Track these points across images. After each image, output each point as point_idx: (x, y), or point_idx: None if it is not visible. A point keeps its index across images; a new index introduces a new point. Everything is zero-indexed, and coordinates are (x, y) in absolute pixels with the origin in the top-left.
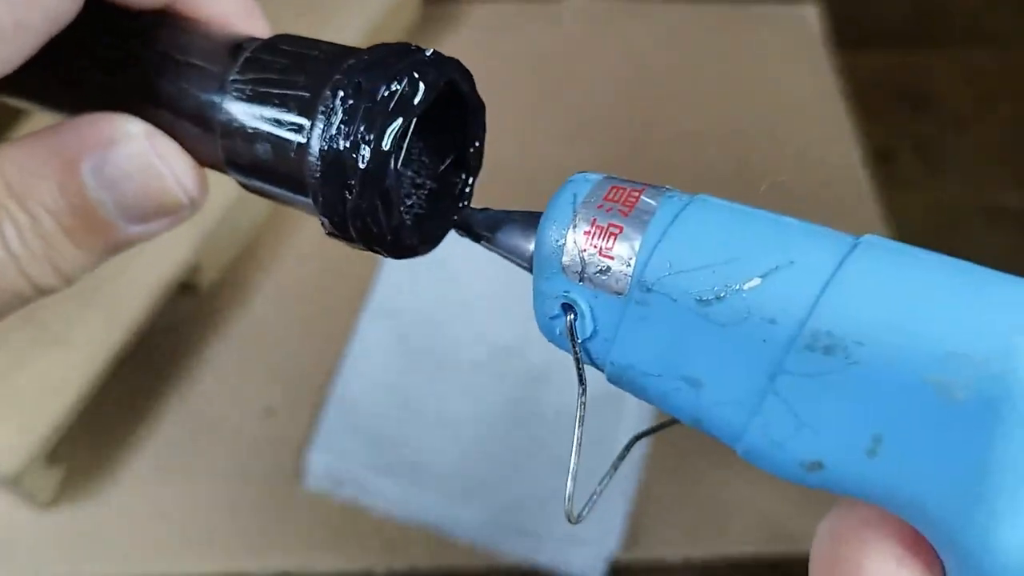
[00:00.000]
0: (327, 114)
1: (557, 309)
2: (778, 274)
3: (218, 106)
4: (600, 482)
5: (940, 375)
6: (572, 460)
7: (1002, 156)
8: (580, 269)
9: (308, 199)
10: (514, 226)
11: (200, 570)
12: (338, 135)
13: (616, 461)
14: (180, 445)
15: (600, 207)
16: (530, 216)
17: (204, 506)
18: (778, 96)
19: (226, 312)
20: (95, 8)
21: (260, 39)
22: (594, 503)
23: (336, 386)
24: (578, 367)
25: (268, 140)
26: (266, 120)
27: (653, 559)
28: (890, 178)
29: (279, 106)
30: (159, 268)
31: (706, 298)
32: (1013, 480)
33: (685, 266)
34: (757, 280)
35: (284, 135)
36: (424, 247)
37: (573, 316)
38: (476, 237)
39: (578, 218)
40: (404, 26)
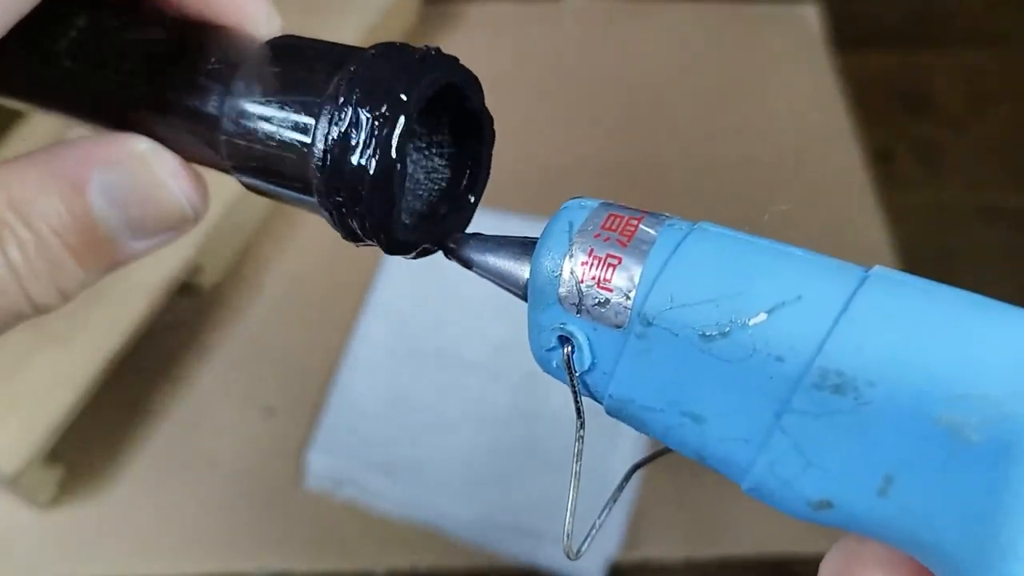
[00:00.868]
0: (331, 113)
1: (554, 341)
2: (785, 310)
3: (221, 107)
4: (599, 515)
5: (953, 416)
6: (570, 495)
7: (1001, 156)
8: (577, 301)
9: (312, 199)
10: (508, 253)
11: (200, 570)
12: (342, 134)
13: (615, 492)
14: (180, 445)
15: (597, 236)
16: (524, 243)
17: (204, 506)
18: (778, 96)
19: (227, 312)
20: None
21: (262, 39)
22: (593, 537)
23: (336, 386)
24: (576, 401)
25: (272, 141)
26: (270, 121)
27: (653, 559)
28: (889, 178)
29: (283, 107)
30: (160, 268)
31: (710, 333)
32: None
33: (687, 300)
34: (763, 315)
35: (288, 136)
36: (428, 246)
37: (570, 348)
38: (467, 264)
39: (575, 248)
40: (404, 26)
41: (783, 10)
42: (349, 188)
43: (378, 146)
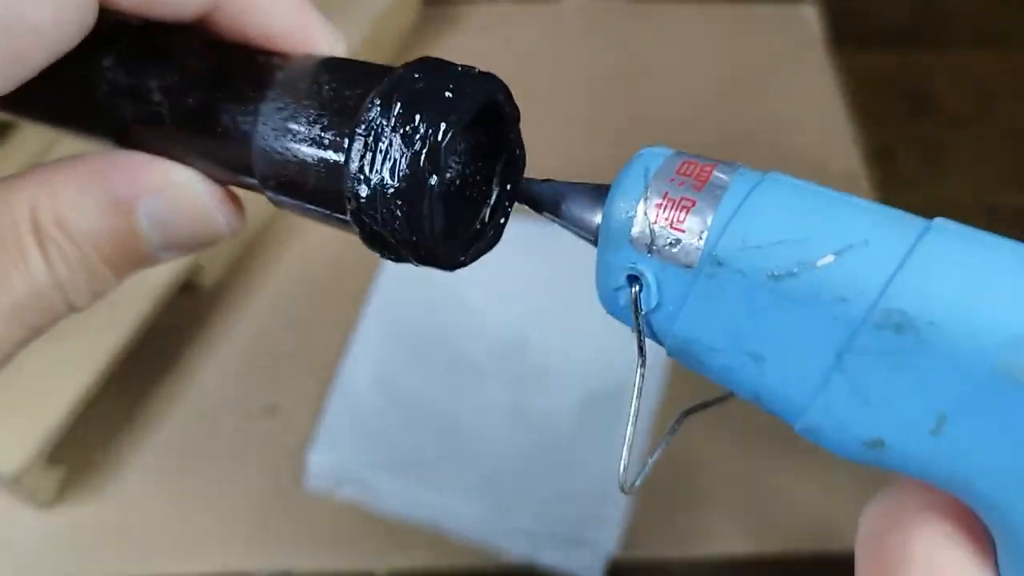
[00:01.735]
0: (368, 133)
1: (622, 281)
2: (852, 252)
3: (255, 125)
4: (651, 454)
5: (1011, 359)
6: (628, 430)
7: (1002, 156)
8: (650, 241)
9: (346, 217)
10: (579, 197)
11: (200, 570)
12: (379, 153)
13: (667, 435)
14: (180, 445)
15: (672, 180)
16: (596, 188)
17: (204, 506)
18: (778, 96)
19: (228, 312)
20: (116, 25)
21: (294, 57)
22: (645, 476)
23: (337, 385)
24: (639, 339)
25: (307, 160)
26: (304, 140)
27: (652, 559)
28: (890, 178)
29: (318, 125)
30: (161, 268)
31: (778, 273)
32: None
33: (759, 241)
34: (831, 257)
35: (323, 155)
36: (466, 258)
37: (639, 287)
38: (539, 208)
39: (650, 191)
40: (404, 26)
41: (783, 10)
42: (386, 207)
43: (417, 165)
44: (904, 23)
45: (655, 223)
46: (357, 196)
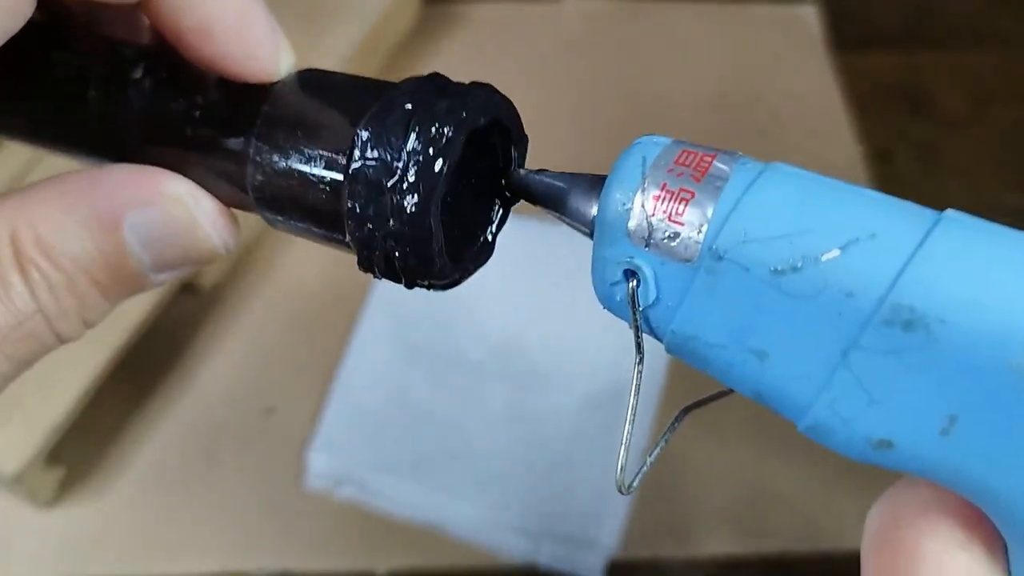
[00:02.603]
0: (372, 131)
1: (619, 275)
2: (858, 246)
3: (248, 145)
4: (650, 453)
5: (1022, 358)
6: (626, 430)
7: (1000, 157)
8: (647, 234)
9: (343, 237)
10: (575, 188)
11: (200, 570)
12: (383, 151)
13: (666, 433)
14: (180, 445)
15: (670, 171)
16: (592, 179)
17: (204, 506)
18: (777, 97)
19: (227, 312)
20: (94, 37)
21: (287, 77)
22: (643, 475)
23: (337, 385)
24: (637, 335)
25: (303, 180)
26: (300, 159)
27: (652, 558)
28: (889, 178)
29: (314, 145)
30: None
31: (781, 268)
32: None
33: (760, 235)
34: (836, 251)
35: (320, 174)
36: (453, 278)
37: (636, 282)
38: (533, 200)
39: (647, 181)
40: (404, 26)
41: (783, 10)
42: (385, 228)
43: (417, 184)
44: (904, 23)
45: (653, 216)
46: (356, 218)
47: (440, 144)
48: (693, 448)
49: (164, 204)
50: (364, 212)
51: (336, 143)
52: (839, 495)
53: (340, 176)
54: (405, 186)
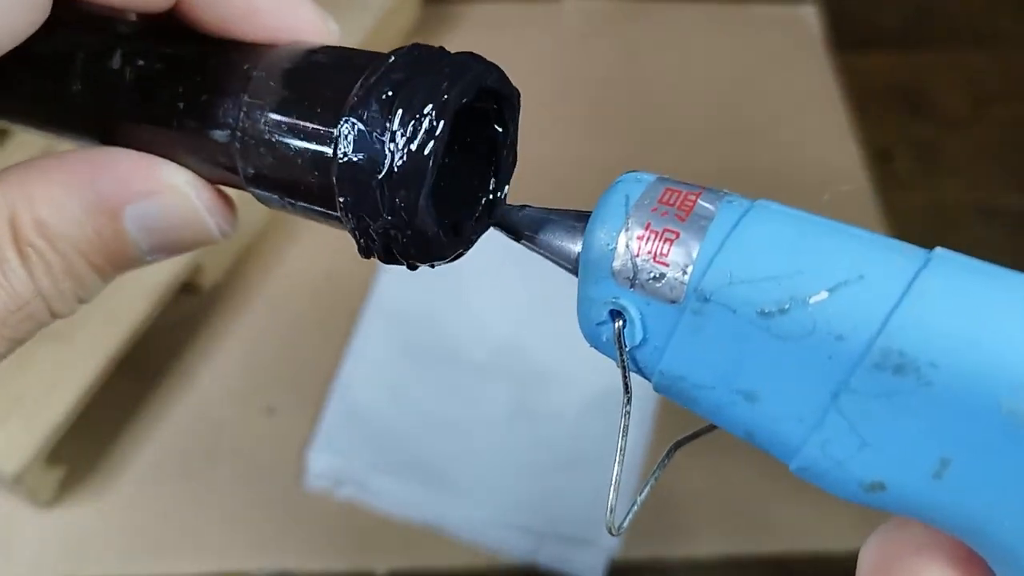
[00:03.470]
0: (354, 125)
1: (604, 315)
2: (847, 288)
3: (237, 118)
4: (640, 491)
5: (1017, 403)
6: (615, 471)
7: (1000, 156)
8: (632, 275)
9: (335, 214)
10: (558, 226)
11: (200, 570)
12: (368, 146)
13: (655, 470)
14: (180, 445)
15: (655, 210)
16: (576, 216)
17: (204, 506)
18: (778, 96)
19: (227, 312)
20: (87, 16)
21: (278, 47)
22: (634, 514)
23: (336, 385)
24: (624, 376)
25: (292, 153)
26: (289, 132)
27: (653, 559)
28: (889, 178)
29: (303, 116)
30: (161, 268)
31: (768, 310)
32: None
33: (747, 276)
34: (824, 294)
35: (309, 147)
36: (454, 253)
37: (622, 323)
38: (516, 236)
39: (631, 221)
40: (404, 26)
41: (783, 10)
42: (378, 220)
43: (408, 157)
44: (904, 23)
45: (637, 256)
46: (346, 189)
47: (425, 132)
48: (694, 448)
49: (166, 194)
50: (356, 206)
51: (327, 114)
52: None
53: (329, 149)
54: (393, 180)
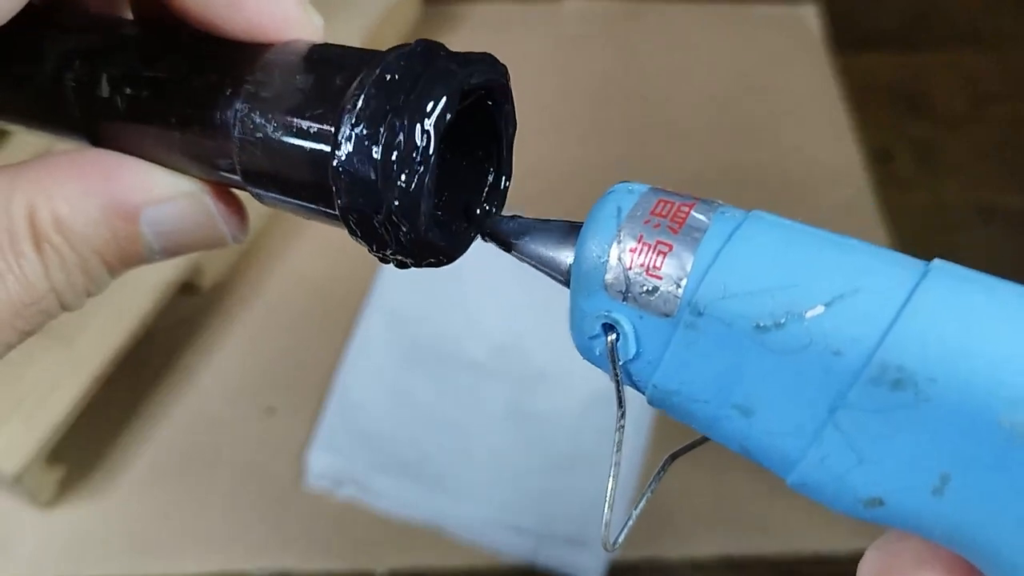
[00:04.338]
0: (352, 122)
1: (597, 329)
2: (844, 302)
3: (234, 115)
4: (635, 506)
5: (1017, 417)
6: (609, 487)
7: (999, 157)
8: (624, 288)
9: (334, 211)
10: (549, 237)
11: (200, 570)
12: (365, 144)
13: (651, 483)
14: (180, 445)
15: (647, 222)
16: (567, 227)
17: (204, 506)
18: (778, 96)
19: (227, 312)
20: (82, 13)
21: (275, 45)
22: (629, 528)
23: (336, 385)
24: (618, 390)
25: (290, 151)
26: (287, 129)
27: (652, 559)
28: (888, 178)
29: (301, 114)
30: (161, 268)
31: (764, 324)
32: None
33: (741, 289)
34: (820, 308)
35: (307, 145)
36: (452, 254)
37: (615, 337)
38: (507, 247)
39: (623, 233)
40: (403, 26)
41: (783, 11)
42: (373, 199)
43: (407, 155)
44: (904, 24)
45: (630, 269)
46: (344, 184)
47: (420, 151)
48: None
49: (183, 201)
50: (355, 226)
51: (324, 112)
52: None
53: (327, 147)
54: (392, 207)
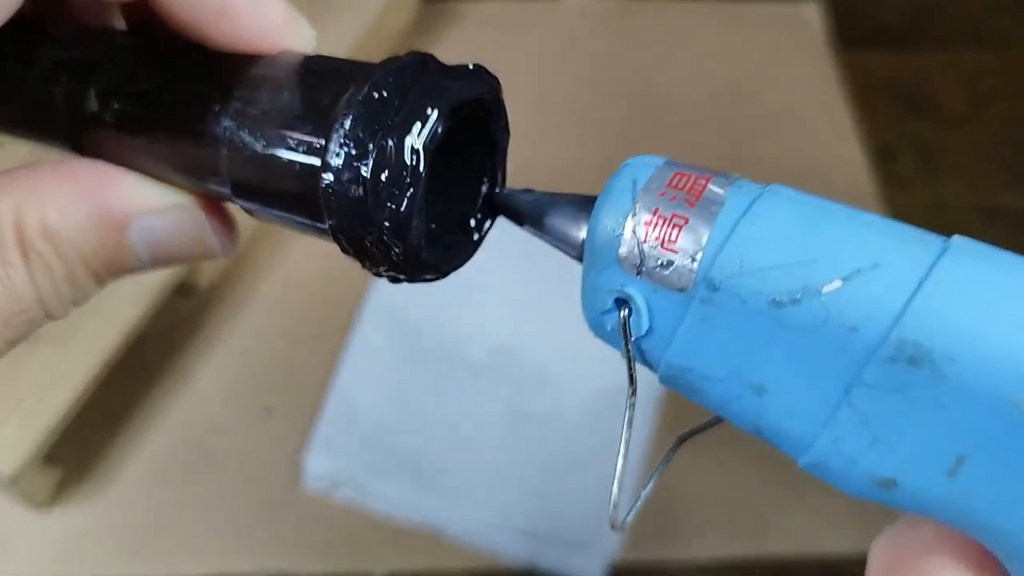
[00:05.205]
0: (341, 141)
1: (610, 303)
2: (861, 277)
3: (223, 129)
4: (644, 487)
5: None
6: (618, 465)
7: (1000, 156)
8: (639, 262)
9: (323, 225)
10: (563, 210)
11: (198, 570)
12: (355, 164)
13: (661, 464)
14: (179, 445)
15: (663, 195)
16: (581, 200)
17: (202, 506)
18: (778, 96)
19: (225, 312)
20: (71, 22)
21: (266, 57)
22: (638, 509)
23: (335, 386)
24: (630, 367)
25: (280, 165)
26: (277, 143)
27: (653, 560)
28: (890, 177)
29: (291, 128)
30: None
31: (780, 300)
32: None
33: (758, 264)
34: (838, 283)
35: (297, 159)
36: (446, 269)
37: (627, 312)
38: (520, 220)
39: (638, 206)
40: (403, 25)
41: (784, 10)
42: (364, 220)
43: (397, 175)
44: (905, 23)
45: (644, 242)
46: (333, 203)
47: (410, 170)
48: (695, 449)
49: (174, 212)
50: (347, 245)
51: (314, 126)
52: (840, 497)
53: (316, 161)
54: (383, 228)
